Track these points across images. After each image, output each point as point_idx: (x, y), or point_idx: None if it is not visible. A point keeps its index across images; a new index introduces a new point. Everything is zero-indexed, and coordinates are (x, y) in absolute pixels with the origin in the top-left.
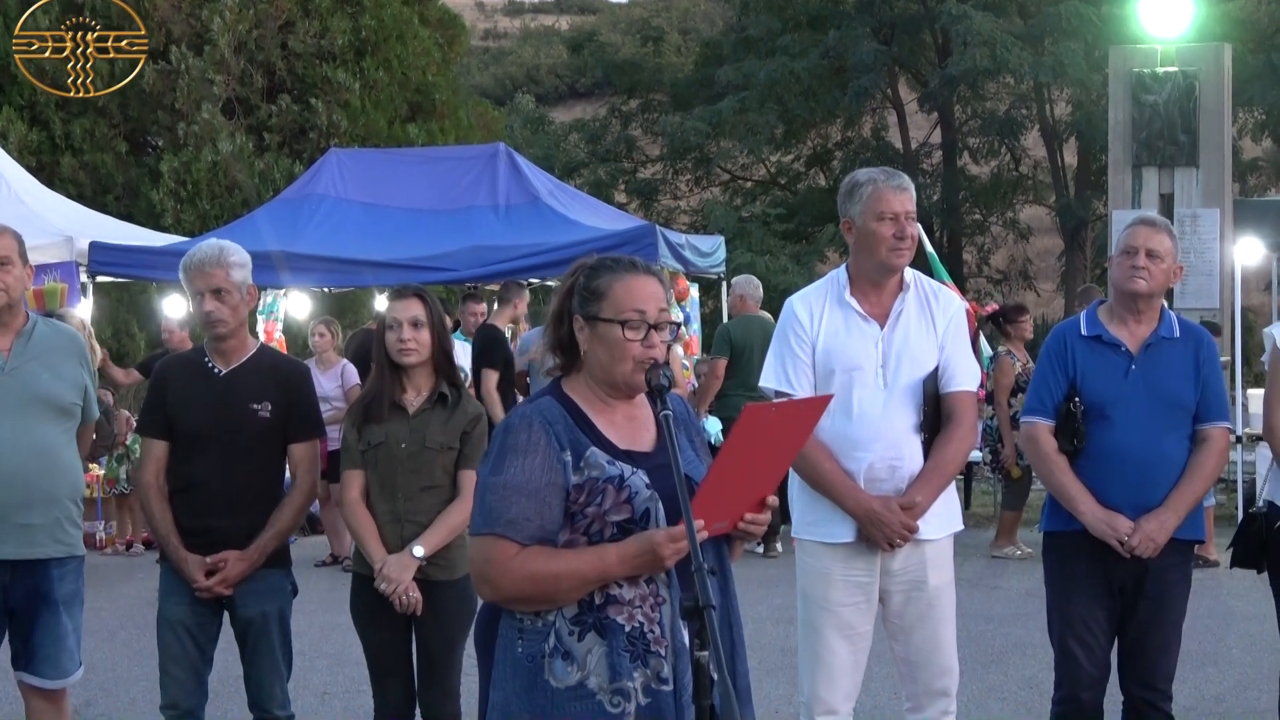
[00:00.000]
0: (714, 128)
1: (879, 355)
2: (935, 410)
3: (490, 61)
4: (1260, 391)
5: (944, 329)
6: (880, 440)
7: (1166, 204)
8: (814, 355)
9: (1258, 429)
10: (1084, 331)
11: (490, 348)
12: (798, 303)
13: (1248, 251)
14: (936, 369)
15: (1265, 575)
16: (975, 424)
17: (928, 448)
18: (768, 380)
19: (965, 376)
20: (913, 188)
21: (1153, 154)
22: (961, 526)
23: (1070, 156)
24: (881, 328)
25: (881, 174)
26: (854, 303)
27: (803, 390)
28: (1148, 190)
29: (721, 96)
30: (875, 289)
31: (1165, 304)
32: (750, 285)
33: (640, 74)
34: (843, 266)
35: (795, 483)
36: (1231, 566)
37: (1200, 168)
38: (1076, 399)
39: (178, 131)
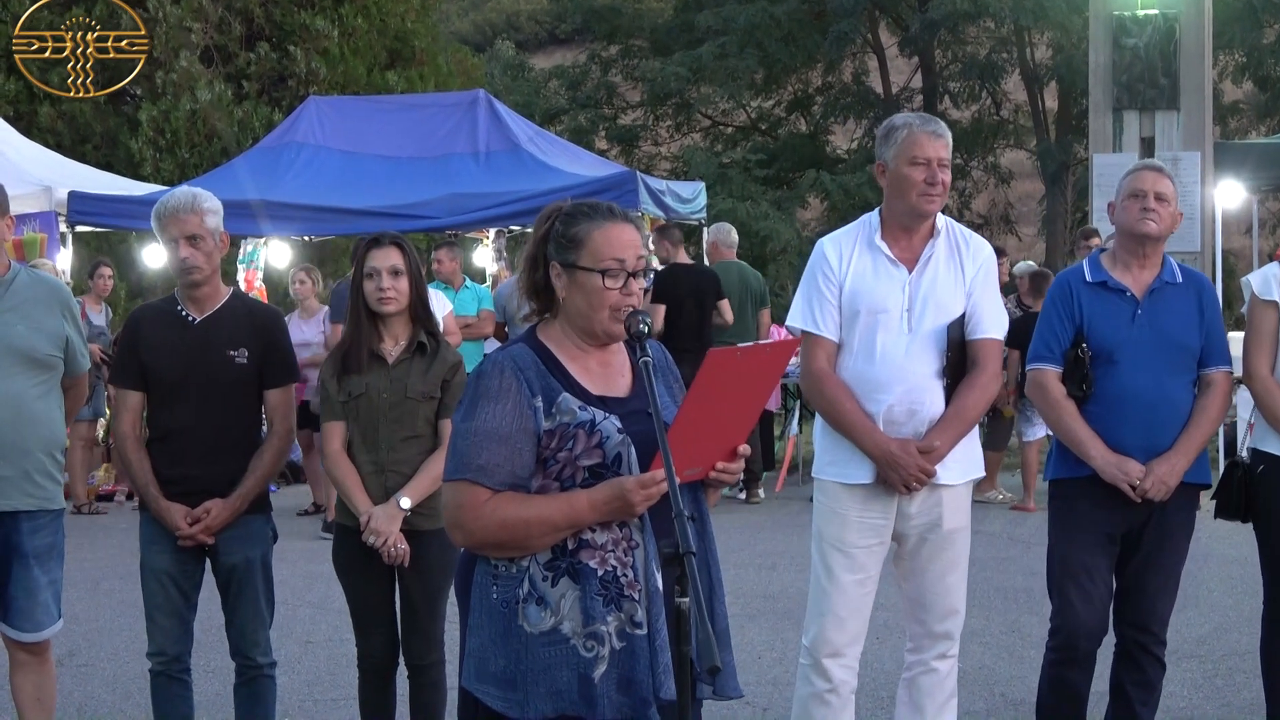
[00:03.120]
0: (694, 73)
1: (905, 299)
2: (959, 356)
3: (469, 8)
4: (1239, 335)
5: (973, 276)
6: (901, 383)
7: (1147, 147)
8: (840, 297)
9: (1237, 372)
10: (1088, 278)
11: None
12: (828, 244)
13: (1228, 194)
14: (963, 315)
15: (1249, 521)
16: (999, 372)
17: (949, 394)
18: (794, 320)
19: (992, 324)
20: (949, 135)
21: (1133, 97)
22: (982, 473)
23: (1051, 100)
24: (910, 272)
25: (918, 119)
26: (884, 246)
27: (828, 331)
28: (1128, 134)
29: (701, 42)
30: (906, 233)
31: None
32: (722, 233)
33: (620, 19)
34: (876, 210)
35: (818, 423)
36: (1215, 518)
37: (1181, 111)
38: (1084, 345)
39: (156, 80)
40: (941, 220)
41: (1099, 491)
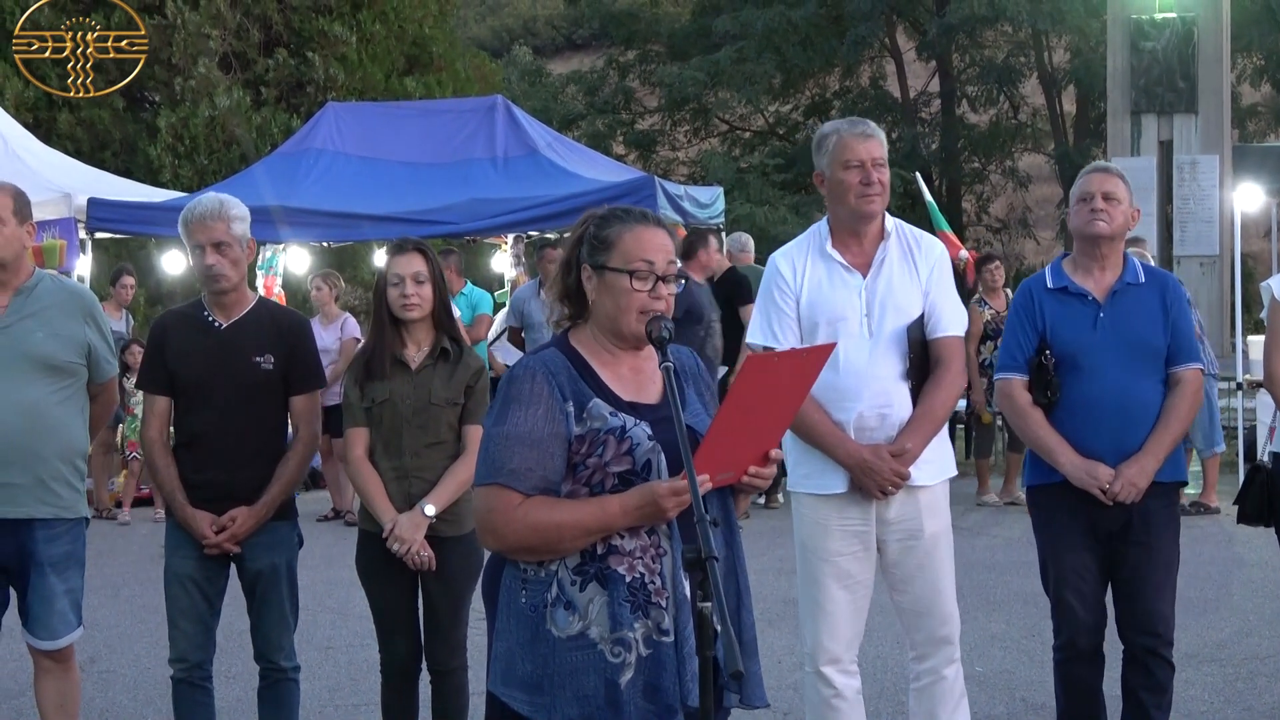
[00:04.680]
0: (712, 78)
1: (863, 305)
2: (922, 357)
3: (487, 13)
4: (1259, 339)
5: (927, 275)
6: (868, 390)
7: (1165, 151)
8: (798, 309)
9: (1258, 375)
10: (1050, 284)
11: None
12: (780, 258)
13: (1247, 197)
14: (922, 316)
15: (1272, 526)
16: (963, 369)
17: (916, 395)
18: (754, 337)
19: (951, 321)
20: (881, 135)
21: (1151, 101)
22: (955, 472)
23: (1069, 104)
24: (864, 277)
25: (846, 123)
26: (836, 254)
27: (787, 344)
28: (1146, 137)
29: (719, 46)
30: (855, 239)
31: (1127, 250)
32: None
33: (637, 24)
34: (824, 219)
35: (787, 436)
36: (1238, 523)
37: (1199, 114)
38: (1048, 351)
39: (174, 86)
40: (890, 222)
41: (1074, 496)
